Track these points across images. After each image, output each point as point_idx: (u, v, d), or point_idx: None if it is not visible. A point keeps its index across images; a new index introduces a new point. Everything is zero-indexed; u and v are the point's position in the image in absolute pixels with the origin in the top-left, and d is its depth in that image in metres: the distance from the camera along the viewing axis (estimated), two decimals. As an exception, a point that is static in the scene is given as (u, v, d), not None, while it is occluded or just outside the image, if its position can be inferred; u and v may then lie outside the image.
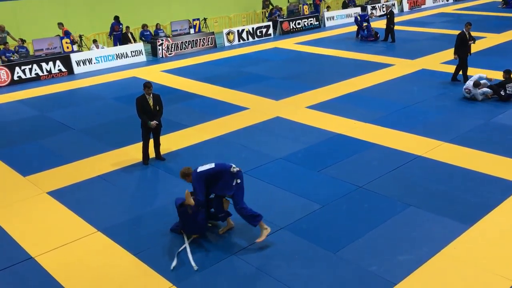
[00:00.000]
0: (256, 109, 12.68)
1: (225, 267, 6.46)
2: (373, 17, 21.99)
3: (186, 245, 6.83)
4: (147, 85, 9.19)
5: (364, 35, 21.07)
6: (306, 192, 8.30)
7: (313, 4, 27.32)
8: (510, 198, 7.87)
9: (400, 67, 16.36)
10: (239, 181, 6.75)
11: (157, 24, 20.76)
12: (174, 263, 6.49)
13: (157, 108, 9.38)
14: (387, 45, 20.11)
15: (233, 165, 6.79)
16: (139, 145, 10.60)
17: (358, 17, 21.58)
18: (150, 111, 9.28)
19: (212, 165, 6.81)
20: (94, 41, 18.81)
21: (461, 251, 6.60)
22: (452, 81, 14.34)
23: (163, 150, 10.22)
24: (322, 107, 12.62)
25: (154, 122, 9.30)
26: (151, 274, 6.37)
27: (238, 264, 6.50)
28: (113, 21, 20.08)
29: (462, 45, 13.88)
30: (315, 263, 6.46)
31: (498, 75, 14.53)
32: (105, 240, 7.17)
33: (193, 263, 6.47)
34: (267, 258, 6.60)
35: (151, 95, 9.28)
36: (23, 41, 17.41)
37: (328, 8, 26.36)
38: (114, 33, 20.14)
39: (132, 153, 10.20)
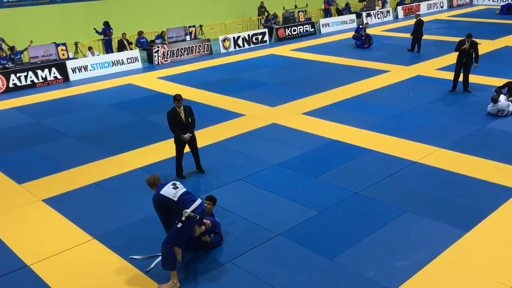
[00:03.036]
0: (252, 115, 12.69)
1: (222, 274, 6.44)
2: (367, 26, 21.91)
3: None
4: (177, 97, 8.75)
5: (359, 43, 21.11)
6: (302, 198, 8.30)
7: (323, 9, 27.79)
8: (506, 203, 7.89)
9: (395, 73, 16.42)
10: (179, 224, 6.12)
11: (162, 32, 20.61)
12: (152, 265, 6.59)
13: (189, 120, 9.00)
14: (411, 54, 19.33)
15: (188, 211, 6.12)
16: (135, 152, 10.61)
17: (356, 33, 21.49)
18: (182, 124, 8.89)
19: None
20: (90, 48, 18.79)
21: (457, 256, 6.60)
22: (465, 92, 13.85)
23: (161, 157, 10.21)
24: (318, 113, 12.64)
25: (187, 135, 8.93)
26: (148, 282, 6.34)
27: (235, 271, 6.48)
28: (103, 26, 20.09)
29: (459, 51, 13.73)
30: (312, 269, 6.45)
31: (491, 81, 14.63)
32: (100, 248, 7.13)
33: (152, 265, 6.58)
34: (263, 264, 6.58)
35: (182, 107, 8.90)
36: (12, 48, 17.38)
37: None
38: (105, 37, 20.14)
39: (127, 160, 10.17)
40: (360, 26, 21.48)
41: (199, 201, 6.30)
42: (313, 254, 6.75)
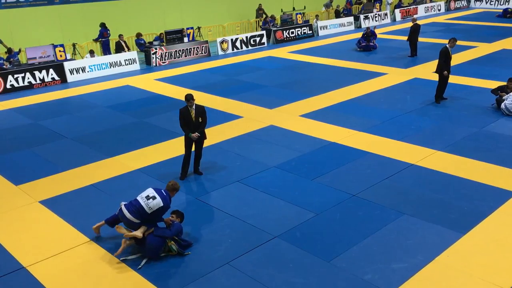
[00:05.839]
0: (250, 117, 12.69)
1: (219, 276, 6.43)
2: (369, 30, 21.64)
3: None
4: (188, 97, 8.92)
5: (364, 43, 20.98)
6: (300, 200, 8.30)
7: (345, 8, 28.08)
8: (503, 206, 7.91)
9: (393, 76, 16.46)
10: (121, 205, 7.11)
11: (161, 34, 20.62)
12: (142, 263, 6.71)
13: (200, 120, 9.12)
14: (411, 59, 18.94)
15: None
16: (133, 153, 10.61)
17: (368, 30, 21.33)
18: (192, 122, 9.06)
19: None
20: (91, 52, 18.66)
21: (454, 259, 6.61)
22: (437, 103, 13.26)
23: (158, 158, 10.21)
24: (316, 115, 12.66)
25: (195, 134, 9.06)
26: (145, 284, 6.33)
27: (232, 273, 6.48)
28: (100, 27, 20.06)
29: (446, 61, 13.18)
30: (309, 271, 6.45)
31: (487, 84, 14.68)
32: (98, 250, 7.11)
33: (142, 263, 6.72)
34: (261, 267, 6.58)
35: (194, 107, 9.03)
36: (10, 51, 17.35)
37: (317, 16, 26.57)
38: (103, 39, 20.12)
39: (125, 162, 10.16)
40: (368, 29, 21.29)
41: (132, 218, 6.81)
42: (311, 257, 6.75)
